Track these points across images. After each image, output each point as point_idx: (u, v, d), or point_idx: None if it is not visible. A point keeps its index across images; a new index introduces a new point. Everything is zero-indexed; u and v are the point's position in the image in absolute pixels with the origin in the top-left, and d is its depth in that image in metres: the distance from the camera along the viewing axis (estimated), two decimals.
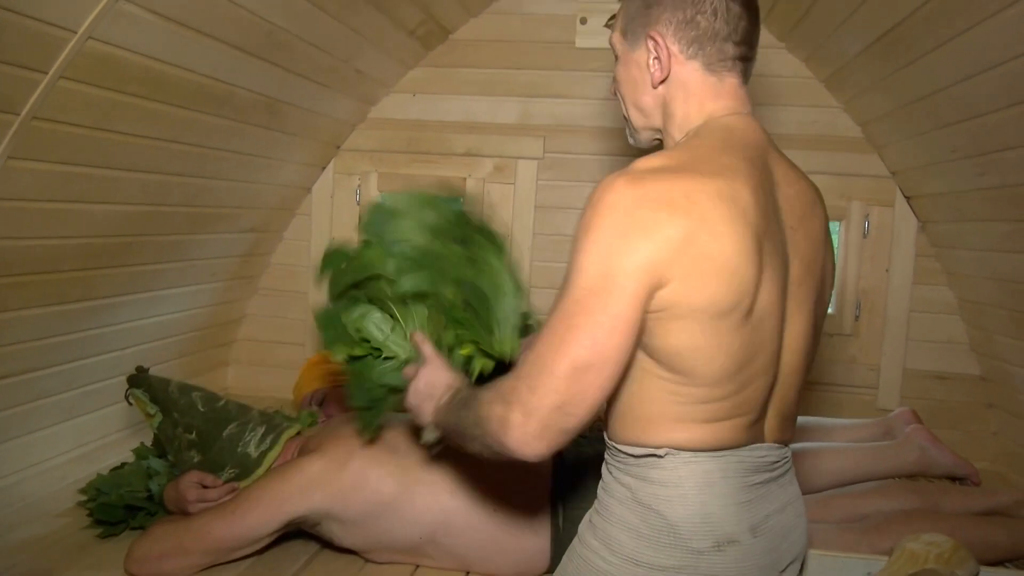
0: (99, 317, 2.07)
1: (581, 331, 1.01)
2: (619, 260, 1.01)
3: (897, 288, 2.61)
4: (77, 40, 1.44)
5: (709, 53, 1.18)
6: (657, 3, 1.19)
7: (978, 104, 1.80)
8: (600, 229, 1.03)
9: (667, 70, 1.18)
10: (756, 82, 2.66)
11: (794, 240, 1.18)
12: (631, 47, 1.24)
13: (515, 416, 1.03)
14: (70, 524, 1.88)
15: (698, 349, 1.06)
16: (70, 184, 1.70)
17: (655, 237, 1.01)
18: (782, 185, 1.20)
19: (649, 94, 1.23)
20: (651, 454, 1.12)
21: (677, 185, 1.05)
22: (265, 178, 2.54)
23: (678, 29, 1.17)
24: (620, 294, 1.01)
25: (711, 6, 1.17)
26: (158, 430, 1.93)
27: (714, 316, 1.05)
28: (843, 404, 2.66)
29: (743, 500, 1.13)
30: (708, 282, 1.03)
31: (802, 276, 1.19)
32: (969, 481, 2.18)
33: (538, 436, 1.03)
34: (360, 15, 2.21)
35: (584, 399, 1.02)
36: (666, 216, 1.02)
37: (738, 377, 1.10)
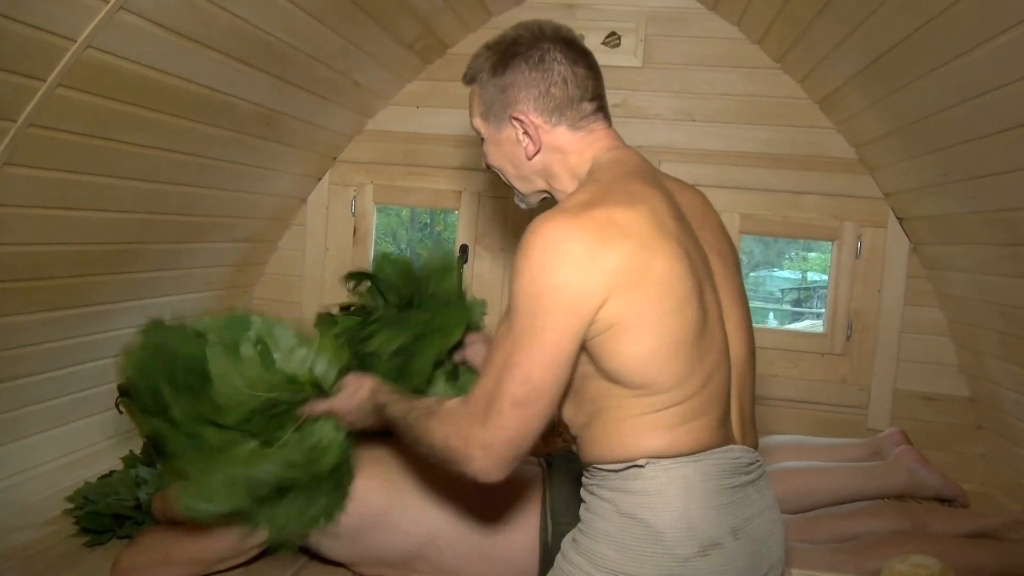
0: (92, 324, 2.06)
1: (518, 369, 1.11)
2: (549, 297, 1.10)
3: (888, 309, 2.62)
4: (76, 49, 1.44)
5: (571, 116, 1.28)
6: (511, 85, 1.29)
7: (970, 129, 1.82)
8: (529, 269, 1.12)
9: (539, 142, 1.29)
10: (751, 102, 2.71)
11: (704, 238, 1.27)
12: (496, 128, 1.34)
13: (474, 451, 1.14)
14: (57, 532, 1.87)
15: (652, 353, 1.12)
16: (66, 191, 1.70)
17: (581, 266, 1.09)
18: (676, 195, 1.29)
19: (527, 165, 1.33)
20: (632, 465, 1.16)
21: (599, 214, 1.13)
22: (261, 188, 2.54)
23: (537, 104, 1.28)
24: (551, 328, 1.10)
25: (560, 76, 1.27)
26: (147, 439, 1.92)
27: (658, 319, 1.11)
28: (833, 424, 2.66)
29: (723, 503, 1.16)
30: (645, 293, 1.11)
31: (722, 268, 1.28)
32: (958, 503, 2.18)
33: (495, 467, 1.14)
34: (359, 28, 2.22)
35: (530, 430, 1.13)
36: (592, 243, 1.10)
37: (698, 373, 1.15)
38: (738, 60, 2.66)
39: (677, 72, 2.71)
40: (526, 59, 1.28)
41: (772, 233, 2.77)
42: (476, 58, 1.37)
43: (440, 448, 1.20)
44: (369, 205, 2.93)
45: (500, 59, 1.31)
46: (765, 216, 2.67)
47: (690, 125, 2.69)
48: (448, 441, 1.18)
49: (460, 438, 1.16)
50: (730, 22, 2.65)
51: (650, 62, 2.71)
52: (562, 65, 1.27)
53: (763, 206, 2.67)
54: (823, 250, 6.02)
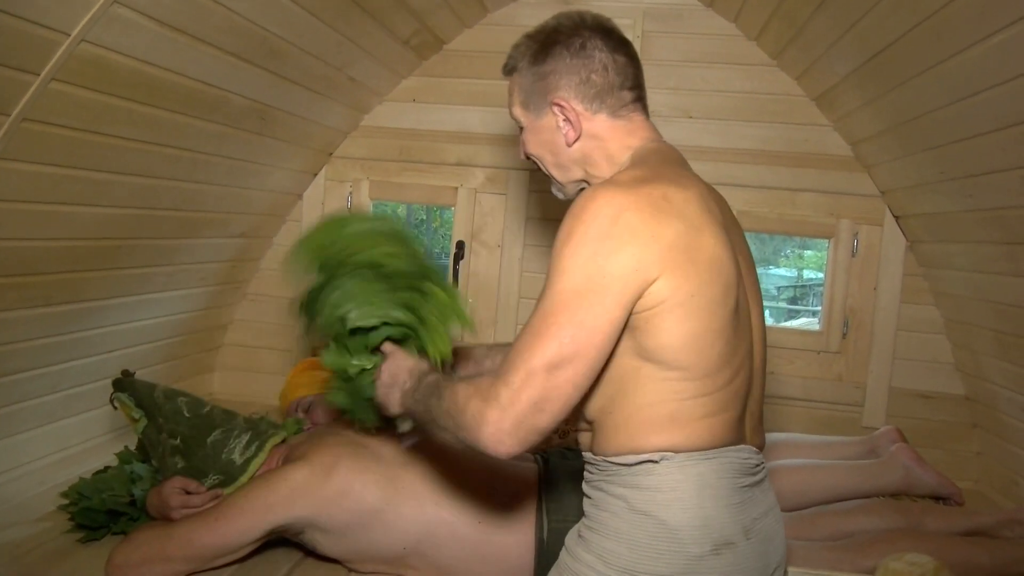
0: (85, 320, 2.05)
1: (561, 329, 1.06)
2: (605, 262, 1.07)
3: (884, 307, 2.62)
4: (70, 43, 1.44)
5: (611, 104, 1.29)
6: (552, 72, 1.29)
7: (966, 127, 1.82)
8: (585, 234, 1.09)
9: (579, 129, 1.29)
10: (748, 99, 2.71)
11: (733, 239, 1.26)
12: (536, 116, 1.34)
13: (491, 412, 1.07)
14: (51, 528, 1.86)
15: (696, 337, 1.11)
16: (59, 186, 1.69)
17: (640, 237, 1.08)
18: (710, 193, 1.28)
19: (565, 153, 1.33)
20: (646, 460, 1.14)
21: (655, 190, 1.13)
22: (256, 184, 2.54)
23: (578, 91, 1.28)
24: (604, 294, 1.07)
25: (600, 63, 1.28)
26: (142, 435, 1.92)
27: (707, 303, 1.11)
28: (828, 421, 2.67)
29: (736, 502, 1.16)
30: (698, 272, 1.10)
31: (747, 271, 1.28)
32: (953, 501, 2.19)
33: (511, 433, 1.06)
34: (355, 24, 2.21)
35: (560, 396, 1.06)
36: (649, 216, 1.09)
37: (730, 366, 1.16)
38: (735, 57, 2.66)
39: (674, 69, 2.70)
40: (567, 46, 1.28)
41: (768, 230, 2.76)
42: (516, 48, 1.36)
43: (458, 409, 1.12)
44: (365, 201, 2.92)
45: (541, 47, 1.31)
46: (761, 213, 2.67)
47: (686, 122, 2.69)
48: (468, 402, 1.11)
49: (481, 397, 1.09)
50: (727, 19, 2.65)
51: (647, 58, 2.67)
52: (603, 52, 1.28)
53: (759, 203, 2.67)
54: (819, 248, 6.03)
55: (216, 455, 1.80)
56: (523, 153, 1.41)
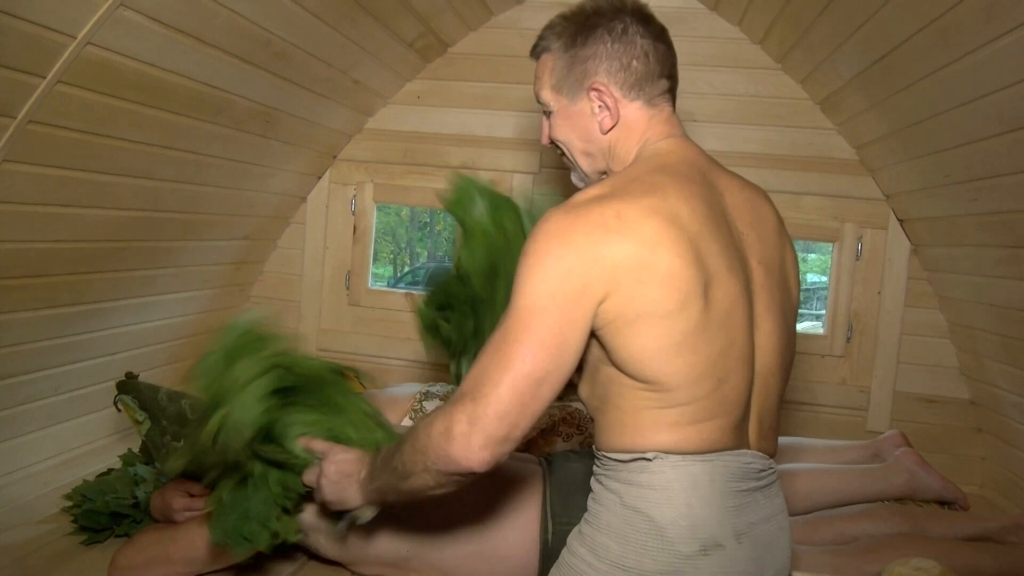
0: (89, 322, 2.06)
1: (522, 346, 1.08)
2: (556, 280, 1.09)
3: (889, 311, 2.62)
4: (76, 45, 1.44)
5: (648, 92, 1.27)
6: (592, 56, 1.26)
7: (971, 131, 1.81)
8: (538, 254, 1.11)
9: (617, 115, 1.27)
10: (752, 102, 2.71)
11: (748, 243, 1.24)
12: (570, 100, 1.30)
13: (459, 426, 1.08)
14: (54, 531, 1.86)
15: (657, 351, 1.12)
16: (64, 188, 1.69)
17: (588, 257, 1.09)
18: (726, 195, 1.26)
19: (598, 140, 1.30)
20: (640, 458, 1.15)
21: (608, 209, 1.12)
22: (260, 186, 2.54)
23: (617, 76, 1.26)
24: (557, 312, 1.09)
25: (642, 50, 1.26)
26: (146, 437, 1.92)
27: (662, 317, 1.11)
28: (833, 425, 2.66)
29: (729, 505, 1.16)
30: (648, 288, 1.10)
31: (764, 278, 1.25)
32: (957, 506, 2.18)
33: (482, 445, 1.08)
34: (359, 27, 2.21)
35: (525, 409, 1.08)
36: (599, 237, 1.10)
37: (710, 375, 1.14)
38: (739, 60, 2.65)
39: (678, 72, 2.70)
40: (609, 30, 1.26)
41: None
42: (551, 28, 1.33)
43: (424, 442, 1.13)
44: (369, 204, 2.93)
45: (580, 29, 1.28)
46: None
47: (691, 125, 2.69)
48: (432, 427, 1.12)
49: (445, 416, 1.11)
50: (731, 22, 2.65)
51: None
52: (645, 39, 1.26)
53: None
54: (823, 251, 6.03)
55: None
56: (546, 138, 1.38)
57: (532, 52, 1.36)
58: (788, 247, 1.35)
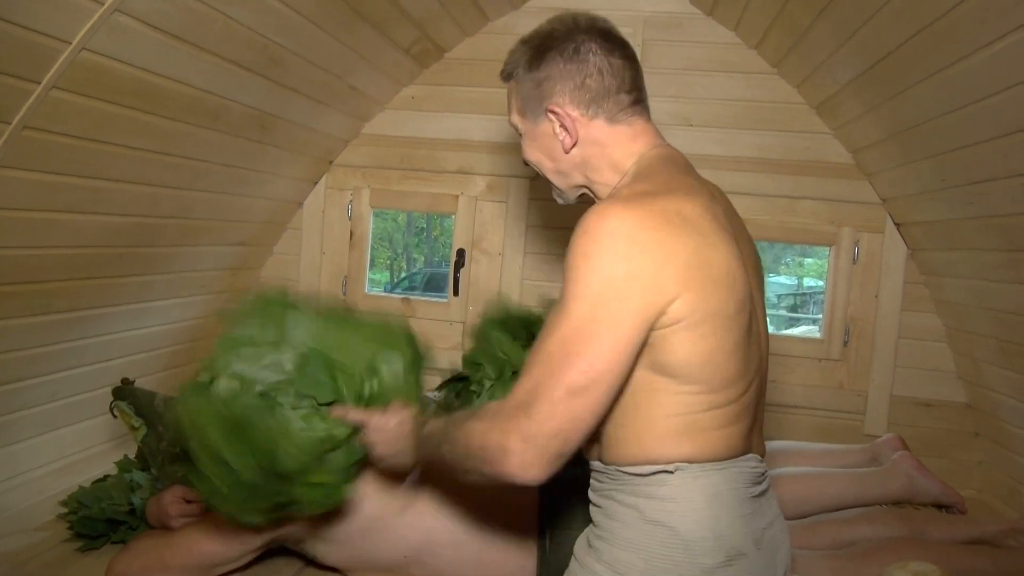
0: (85, 328, 2.05)
1: (580, 358, 1.04)
2: (621, 285, 1.05)
3: (886, 315, 2.62)
4: (71, 51, 1.44)
5: (608, 108, 1.26)
6: (547, 78, 1.27)
7: (968, 135, 1.81)
8: (601, 255, 1.06)
9: (575, 134, 1.27)
10: (749, 107, 2.71)
11: (742, 249, 1.24)
12: (534, 123, 1.31)
13: (513, 444, 1.05)
14: (50, 537, 1.86)
15: (714, 353, 1.10)
16: (59, 194, 1.69)
17: (657, 257, 1.06)
18: (717, 200, 1.27)
19: (564, 159, 1.31)
20: (661, 471, 1.13)
21: (667, 205, 1.11)
22: (256, 192, 2.54)
23: (573, 96, 1.26)
24: (622, 319, 1.05)
25: (596, 67, 1.25)
26: (142, 443, 1.92)
27: (725, 320, 1.10)
28: (830, 429, 2.66)
29: (746, 512, 1.16)
30: (715, 289, 1.09)
31: (755, 282, 1.26)
32: (955, 509, 2.18)
33: (536, 462, 1.06)
34: (355, 33, 2.22)
35: (581, 423, 1.06)
36: (667, 234, 1.07)
37: (744, 379, 1.15)
38: (735, 65, 2.66)
39: (674, 77, 2.71)
40: (560, 51, 1.26)
41: (769, 238, 2.76)
42: (512, 53, 1.34)
43: (477, 448, 1.11)
44: (366, 209, 2.93)
45: (535, 53, 1.29)
46: (762, 221, 2.67)
47: (687, 130, 2.69)
48: (486, 437, 1.09)
49: (500, 431, 1.07)
50: (727, 27, 2.65)
51: (647, 67, 2.65)
52: (597, 56, 1.25)
53: (760, 211, 2.67)
54: (820, 256, 6.03)
55: None
56: (523, 159, 1.39)
57: (501, 76, 1.38)
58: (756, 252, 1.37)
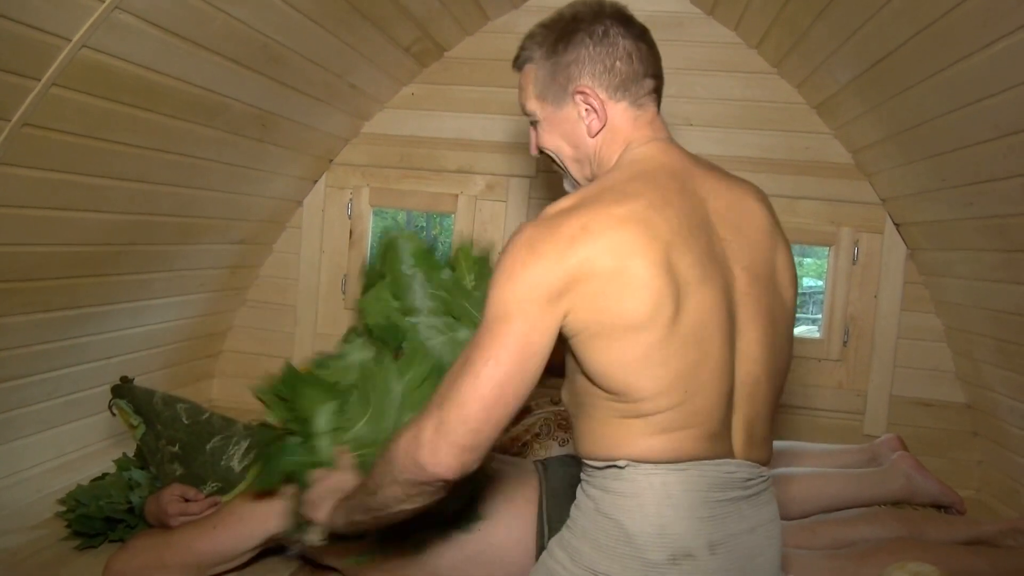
0: (84, 326, 2.05)
1: (487, 353, 1.09)
2: (522, 289, 1.10)
3: (885, 314, 2.62)
4: (71, 48, 1.44)
5: (634, 92, 1.27)
6: (575, 61, 1.26)
7: (967, 135, 1.82)
8: (507, 265, 1.12)
9: (604, 117, 1.26)
10: (749, 107, 2.71)
11: (731, 250, 1.22)
12: (556, 107, 1.30)
13: (426, 432, 1.09)
14: (48, 535, 1.85)
15: (625, 364, 1.12)
16: (59, 192, 1.69)
17: (553, 267, 1.09)
18: (709, 200, 1.24)
19: (586, 145, 1.30)
20: (612, 465, 1.16)
21: (576, 220, 1.12)
22: (256, 190, 2.54)
23: (602, 79, 1.26)
24: (523, 319, 1.09)
25: (625, 51, 1.26)
26: (141, 441, 1.91)
27: (629, 330, 1.10)
28: (829, 429, 2.66)
29: (704, 515, 1.15)
30: (615, 300, 1.10)
31: (748, 285, 1.22)
32: (954, 510, 2.18)
33: (448, 452, 1.09)
34: (356, 31, 2.21)
35: (490, 416, 1.09)
36: (564, 247, 1.10)
37: (678, 387, 1.13)
38: (735, 65, 2.66)
39: (674, 76, 2.68)
40: (589, 34, 1.26)
41: None
42: (531, 38, 1.33)
43: (392, 453, 1.14)
44: (365, 208, 2.92)
45: (560, 36, 1.28)
46: None
47: (687, 130, 2.69)
48: (400, 437, 1.14)
49: (414, 426, 1.12)
50: (727, 27, 2.65)
51: None
52: (626, 40, 1.26)
53: None
54: (819, 256, 6.03)
55: (215, 462, 1.79)
56: (535, 148, 1.37)
57: (515, 63, 1.37)
58: (781, 248, 1.31)
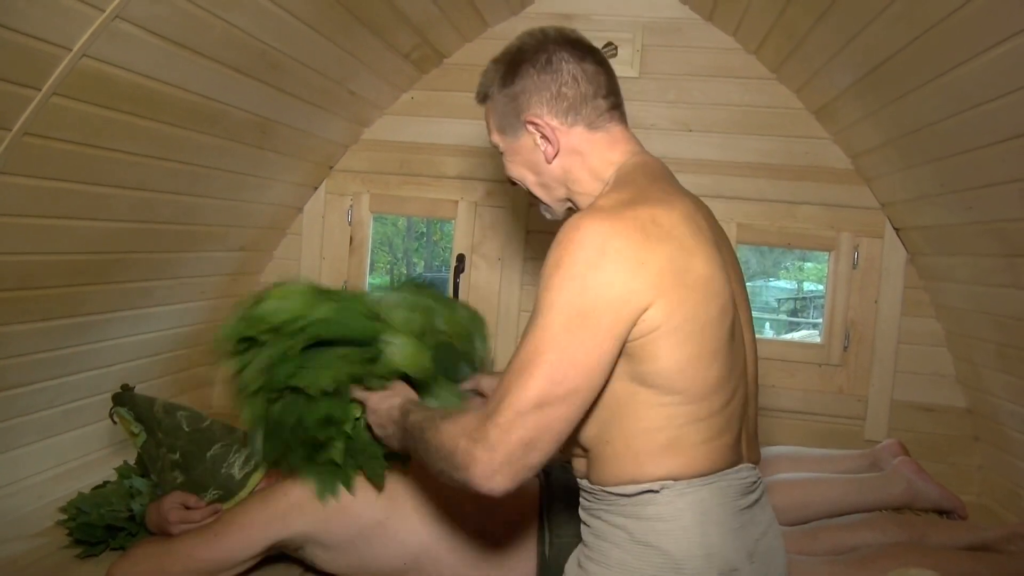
0: (85, 334, 2.05)
1: (551, 366, 1.03)
2: (594, 293, 1.04)
3: (885, 319, 2.62)
4: (71, 58, 1.44)
5: (586, 114, 1.27)
6: (521, 92, 1.28)
7: (967, 140, 1.82)
8: (572, 265, 1.06)
9: (557, 144, 1.27)
10: (748, 112, 2.71)
11: (725, 259, 1.24)
12: (513, 138, 1.32)
13: (480, 452, 1.04)
14: (49, 544, 1.85)
15: (692, 361, 1.10)
16: (59, 200, 1.69)
17: (630, 265, 1.05)
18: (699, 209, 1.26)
19: (547, 171, 1.31)
20: (647, 490, 1.12)
21: (643, 212, 1.10)
22: (256, 197, 2.54)
23: (550, 106, 1.26)
24: (595, 328, 1.04)
25: (570, 75, 1.26)
26: (142, 449, 1.91)
27: (702, 327, 1.10)
28: (830, 435, 2.66)
29: (737, 526, 1.15)
30: (691, 296, 1.09)
31: (739, 291, 1.26)
32: (956, 515, 2.17)
33: (501, 472, 1.04)
34: (355, 38, 2.22)
35: (550, 434, 1.04)
36: (638, 242, 1.07)
37: (726, 388, 1.14)
38: (734, 70, 2.66)
39: (673, 82, 2.71)
40: (533, 63, 1.27)
41: (768, 243, 2.76)
42: (485, 75, 1.35)
43: (447, 451, 1.10)
44: (366, 214, 2.93)
45: (508, 69, 1.30)
46: (761, 226, 2.67)
47: (686, 135, 2.69)
48: (456, 441, 1.08)
49: (468, 437, 1.06)
50: (726, 32, 2.65)
51: (646, 72, 2.71)
52: (570, 64, 1.26)
53: (759, 216, 2.67)
54: (819, 260, 6.04)
55: (215, 470, 1.79)
56: (507, 178, 1.40)
57: (476, 99, 1.39)
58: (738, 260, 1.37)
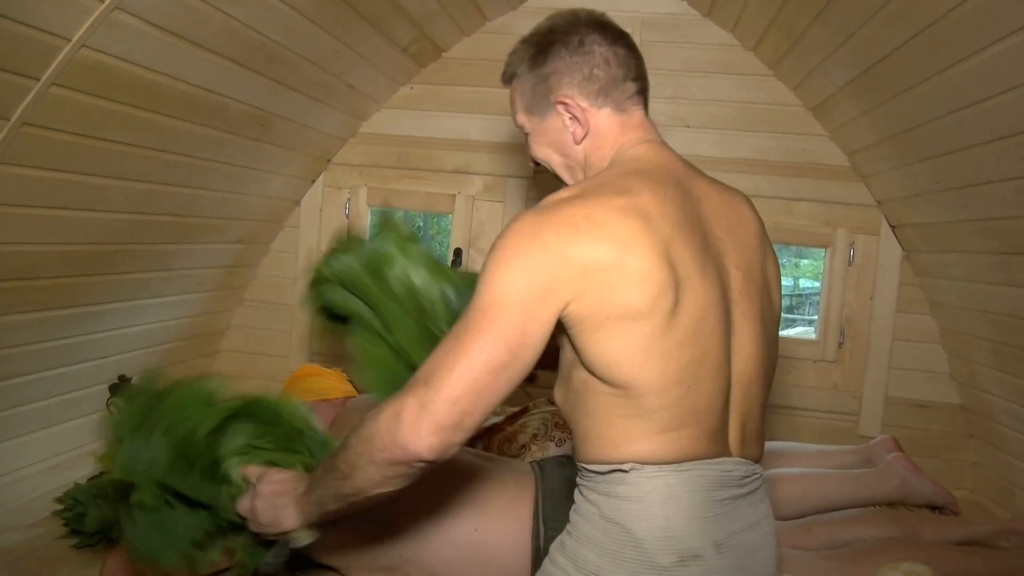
0: (82, 325, 2.05)
1: (482, 336, 1.06)
2: (521, 276, 1.08)
3: (880, 316, 2.63)
4: (71, 48, 1.44)
5: (615, 97, 1.29)
6: (553, 72, 1.29)
7: (963, 138, 1.82)
8: (504, 252, 1.10)
9: (587, 125, 1.28)
10: (745, 109, 2.71)
11: (726, 249, 1.24)
12: (541, 118, 1.33)
13: (409, 410, 1.06)
14: (45, 534, 1.86)
15: (628, 355, 1.11)
16: (57, 191, 1.69)
17: (554, 256, 1.08)
18: (703, 200, 1.26)
19: (574, 153, 1.32)
20: (616, 469, 1.15)
21: (578, 210, 1.12)
22: (254, 190, 2.54)
23: (581, 87, 1.28)
24: (521, 307, 1.07)
25: (602, 57, 1.27)
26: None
27: (631, 320, 1.10)
28: (825, 430, 2.67)
29: (707, 515, 1.15)
30: (618, 290, 1.09)
31: (742, 284, 1.24)
32: (949, 510, 2.18)
33: (431, 431, 1.05)
34: (354, 31, 2.22)
35: (479, 399, 1.06)
36: (567, 237, 1.09)
37: (682, 381, 1.13)
38: (732, 67, 2.67)
39: (671, 78, 2.71)
40: (565, 44, 1.28)
41: None
42: (513, 54, 1.35)
43: (370, 435, 1.09)
44: (363, 208, 2.93)
45: (539, 49, 1.30)
46: None
47: (684, 131, 2.70)
48: (380, 414, 1.08)
49: (396, 403, 1.07)
50: (724, 29, 2.66)
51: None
52: (602, 46, 1.27)
53: None
54: (815, 257, 6.05)
55: None
56: (530, 159, 1.40)
57: (502, 79, 1.39)
58: (770, 253, 1.35)
